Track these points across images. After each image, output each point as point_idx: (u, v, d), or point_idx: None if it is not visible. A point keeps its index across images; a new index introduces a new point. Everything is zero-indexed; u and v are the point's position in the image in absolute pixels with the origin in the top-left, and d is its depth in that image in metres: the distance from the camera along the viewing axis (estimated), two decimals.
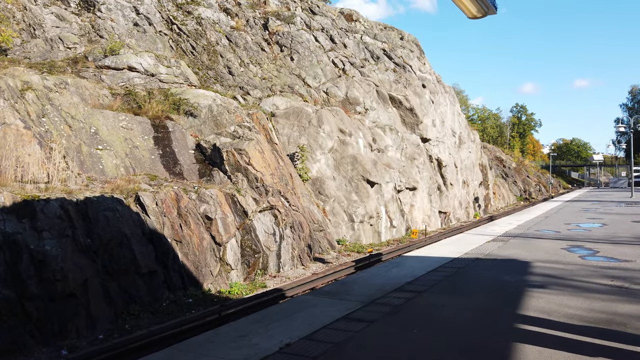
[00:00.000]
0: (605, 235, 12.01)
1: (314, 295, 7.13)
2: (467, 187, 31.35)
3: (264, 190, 13.94)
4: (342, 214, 19.17)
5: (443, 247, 10.42)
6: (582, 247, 10.14)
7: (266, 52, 24.49)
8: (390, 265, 8.15)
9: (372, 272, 8.14)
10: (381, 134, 24.04)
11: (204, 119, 15.79)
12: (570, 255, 8.97)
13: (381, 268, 8.07)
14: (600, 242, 10.80)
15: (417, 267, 7.92)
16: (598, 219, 16.46)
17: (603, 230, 13.27)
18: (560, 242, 10.81)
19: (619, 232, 12.56)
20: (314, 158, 19.76)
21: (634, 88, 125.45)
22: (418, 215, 24.58)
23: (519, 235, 11.99)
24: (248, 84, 22.29)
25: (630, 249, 9.87)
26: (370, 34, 29.33)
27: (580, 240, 11.10)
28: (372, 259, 15.01)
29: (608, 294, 6.42)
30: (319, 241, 16.98)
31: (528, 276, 7.40)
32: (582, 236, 11.87)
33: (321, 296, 6.70)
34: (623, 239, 11.20)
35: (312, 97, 23.34)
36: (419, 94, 26.65)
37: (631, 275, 7.41)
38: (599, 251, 9.57)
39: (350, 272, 13.04)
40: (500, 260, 8.52)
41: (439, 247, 10.42)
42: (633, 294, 6.38)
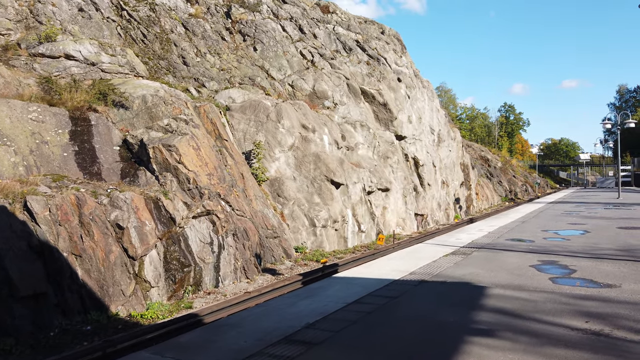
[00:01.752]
0: (586, 246, 10.29)
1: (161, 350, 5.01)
2: (447, 188, 29.66)
3: (198, 192, 12.04)
4: (302, 218, 17.33)
5: (390, 262, 8.64)
6: (555, 264, 8.38)
7: (227, 41, 22.57)
8: (303, 294, 6.26)
9: (272, 306, 6.26)
10: (351, 131, 22.25)
11: (136, 111, 13.85)
12: (539, 277, 7.19)
13: (288, 299, 6.21)
14: (579, 256, 9.06)
15: (338, 296, 6.04)
16: (580, 225, 14.76)
17: (584, 239, 11.57)
18: (531, 256, 9.06)
19: (602, 242, 10.85)
20: (272, 156, 17.89)
21: (622, 87, 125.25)
22: (391, 218, 22.82)
23: (486, 247, 10.24)
24: (204, 76, 20.36)
25: (614, 266, 8.12)
26: (344, 24, 27.52)
27: (556, 254, 9.35)
28: (326, 270, 13.19)
29: (580, 348, 4.53)
30: (272, 249, 15.12)
31: (476, 313, 5.57)
32: (558, 247, 10.14)
33: (170, 353, 4.69)
34: (606, 252, 9.48)
35: (275, 90, 21.48)
36: (393, 88, 24.89)
37: (614, 312, 5.54)
38: (575, 270, 7.80)
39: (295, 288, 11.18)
40: (449, 285, 6.70)
41: (385, 262, 8.65)
42: (615, 348, 4.50)
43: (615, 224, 14.78)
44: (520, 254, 9.33)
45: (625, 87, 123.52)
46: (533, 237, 12.06)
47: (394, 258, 8.92)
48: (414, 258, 8.88)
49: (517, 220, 17.29)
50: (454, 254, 9.36)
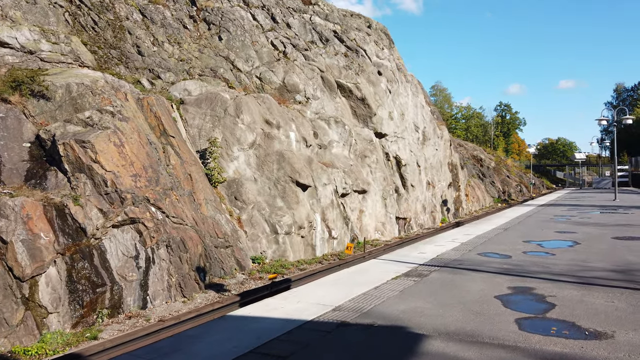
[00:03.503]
0: (573, 265, 8.45)
1: None
2: (433, 189, 27.83)
3: (119, 197, 10.17)
4: (262, 224, 15.47)
5: (320, 288, 6.78)
6: (529, 293, 6.52)
7: (189, 30, 20.69)
8: (166, 347, 4.31)
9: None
10: (325, 128, 20.40)
11: (60, 103, 11.97)
12: (504, 317, 5.26)
13: (144, 356, 4.36)
14: (562, 280, 7.22)
15: (206, 355, 4.09)
16: (569, 234, 12.89)
17: (571, 254, 9.73)
18: (502, 280, 7.21)
19: (593, 259, 9.02)
20: (230, 155, 16.04)
21: (619, 86, 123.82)
22: (369, 222, 20.99)
23: (450, 264, 8.37)
24: (160, 66, 18.49)
25: (607, 296, 6.26)
26: (322, 14, 25.66)
27: (533, 276, 7.51)
28: (274, 288, 11.33)
29: None
30: (221, 261, 13.26)
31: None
32: (538, 266, 8.28)
33: None
34: (597, 273, 7.65)
35: (241, 83, 19.62)
36: (373, 82, 23.06)
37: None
38: (554, 304, 5.90)
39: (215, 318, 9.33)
40: (375, 331, 4.70)
41: (313, 288, 6.77)
42: None
43: (610, 233, 12.96)
44: (489, 276, 7.50)
45: (622, 85, 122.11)
46: (511, 250, 10.22)
47: (326, 283, 7.08)
48: (353, 283, 7.06)
49: (499, 226, 15.44)
50: (407, 276, 7.55)
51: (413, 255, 9.37)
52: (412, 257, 9.13)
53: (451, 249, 10.33)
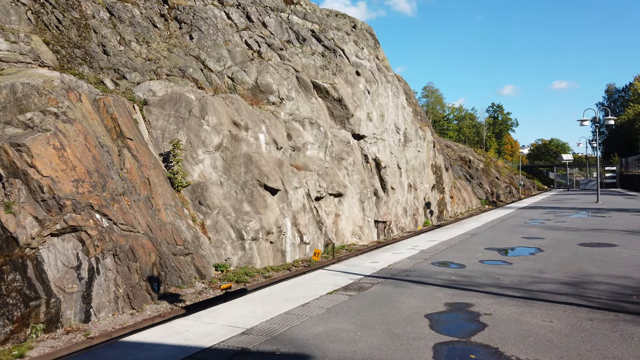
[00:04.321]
0: (526, 276, 7.91)
1: None
2: (415, 192, 27.32)
3: (57, 204, 9.56)
4: (227, 229, 14.88)
5: (243, 306, 6.19)
6: (464, 312, 5.94)
7: (159, 29, 20.08)
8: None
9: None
10: (299, 129, 19.85)
11: (4, 104, 11.34)
12: (422, 343, 4.58)
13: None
14: (507, 295, 6.68)
15: None
16: (536, 240, 12.36)
17: (529, 263, 9.21)
18: (442, 295, 6.64)
19: (550, 269, 8.49)
20: (195, 158, 15.45)
21: (610, 87, 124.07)
22: (346, 226, 20.44)
23: (397, 275, 7.80)
24: (126, 66, 17.87)
25: (548, 315, 5.65)
26: (300, 14, 25.11)
27: (478, 291, 6.97)
28: (228, 298, 10.73)
29: None
30: (179, 269, 12.67)
31: None
32: (488, 278, 7.74)
33: None
34: (548, 286, 7.11)
35: (212, 83, 19.03)
36: (351, 83, 22.53)
37: None
38: (485, 326, 5.27)
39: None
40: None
41: (235, 306, 6.17)
42: None
43: (578, 239, 12.45)
44: (432, 290, 6.96)
45: (613, 86, 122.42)
46: (469, 259, 9.71)
47: (256, 299, 6.50)
48: (284, 298, 6.51)
49: (469, 232, 14.92)
50: (345, 290, 7.00)
51: (364, 265, 8.83)
52: (362, 267, 8.59)
53: (407, 258, 9.81)
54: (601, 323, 5.39)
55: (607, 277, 7.67)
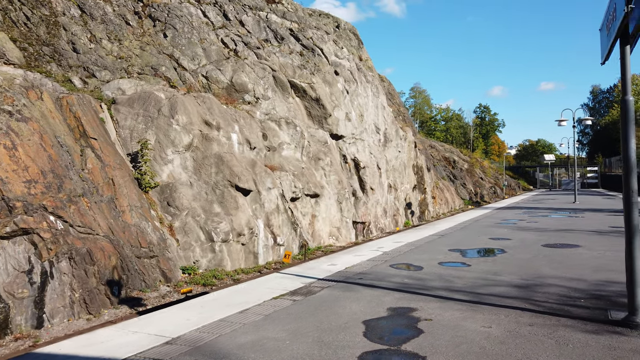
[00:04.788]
0: (480, 279, 7.77)
1: None
2: (396, 192, 27.18)
3: (7, 206, 9.21)
4: (197, 231, 14.57)
5: (180, 312, 5.92)
6: (406, 317, 5.74)
7: (132, 26, 19.70)
8: None
9: None
10: (275, 129, 19.58)
11: None
12: (349, 352, 4.39)
13: None
14: (455, 299, 6.51)
15: None
16: (502, 241, 12.27)
17: (488, 265, 9.10)
18: (390, 299, 6.46)
19: (506, 271, 8.37)
20: (164, 158, 15.12)
21: (595, 88, 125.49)
22: (323, 227, 20.22)
23: (350, 279, 7.59)
24: (96, 64, 17.49)
25: (488, 320, 5.48)
26: (279, 12, 24.84)
27: (427, 294, 6.79)
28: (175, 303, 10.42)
29: None
30: (143, 273, 12.35)
31: None
32: (442, 281, 7.59)
33: None
34: (498, 290, 6.95)
35: (186, 82, 18.71)
36: (329, 82, 22.31)
37: None
38: (421, 332, 5.05)
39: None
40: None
41: (173, 312, 5.92)
42: None
43: (545, 239, 12.38)
44: (381, 293, 6.77)
45: (598, 87, 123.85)
46: (429, 260, 9.56)
47: (195, 305, 6.23)
48: (226, 304, 6.28)
49: (439, 232, 14.81)
50: (292, 295, 6.79)
51: (321, 268, 8.63)
52: (318, 270, 8.38)
53: (367, 260, 9.62)
54: (540, 328, 5.26)
55: (561, 279, 7.58)
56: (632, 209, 5.40)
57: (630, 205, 5.41)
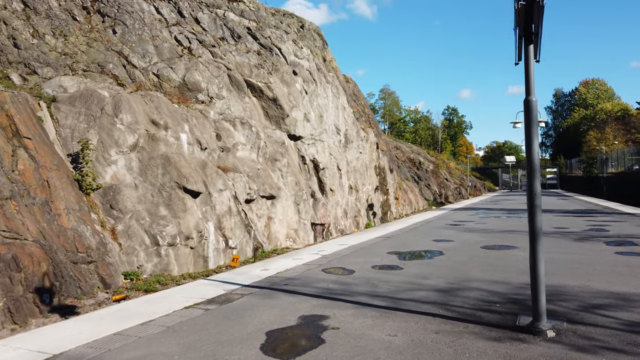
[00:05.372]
0: (407, 283, 7.65)
1: None
2: (357, 193, 27.08)
3: None
4: (141, 235, 14.02)
5: (77, 325, 5.55)
6: (314, 326, 5.53)
7: (79, 22, 18.93)
8: None
9: None
10: (229, 129, 19.15)
11: None
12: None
13: None
14: (373, 305, 6.33)
15: None
16: (445, 242, 12.25)
17: (421, 267, 9.03)
18: (305, 307, 6.30)
19: (436, 274, 8.30)
20: (108, 159, 14.51)
21: (558, 91, 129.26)
22: (279, 229, 19.87)
23: (275, 285, 7.32)
24: (38, 61, 16.68)
25: (396, 328, 5.35)
26: (237, 10, 24.40)
27: (347, 301, 6.64)
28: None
29: None
30: (79, 279, 11.74)
31: None
32: (367, 286, 7.43)
33: None
34: (420, 294, 6.82)
35: (135, 80, 18.07)
36: (287, 82, 22.00)
37: None
38: (322, 342, 4.87)
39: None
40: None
41: (71, 325, 5.56)
42: None
43: (486, 241, 12.45)
44: (299, 300, 6.53)
45: (561, 91, 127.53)
46: (363, 264, 9.41)
47: (95, 317, 5.84)
48: (135, 314, 5.91)
49: (386, 234, 14.73)
50: (208, 303, 6.50)
51: (252, 273, 8.34)
52: (248, 276, 8.08)
53: (303, 264, 9.38)
54: (445, 336, 5.10)
55: (486, 282, 7.50)
56: (535, 212, 5.27)
57: (534, 209, 5.28)
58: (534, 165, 5.25)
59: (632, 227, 16.77)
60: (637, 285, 7.52)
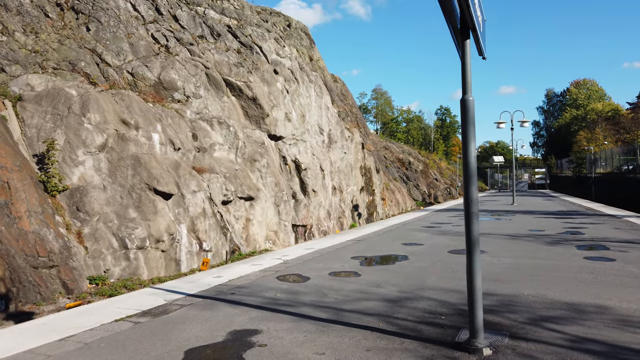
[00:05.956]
0: (358, 292, 7.26)
1: None
2: (341, 194, 26.73)
3: None
4: (109, 238, 13.59)
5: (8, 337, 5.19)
6: (238, 344, 4.92)
7: (52, 19, 18.45)
8: None
9: None
10: (206, 129, 18.74)
11: None
12: None
13: None
14: (312, 318, 5.89)
15: None
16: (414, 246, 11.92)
17: (378, 274, 8.66)
18: (242, 320, 5.81)
19: (391, 282, 7.91)
20: (75, 159, 14.07)
21: (550, 92, 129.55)
22: (258, 231, 19.48)
23: (220, 295, 6.84)
24: (7, 58, 16.21)
25: (325, 346, 4.89)
26: (218, 8, 23.97)
27: (287, 312, 6.20)
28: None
29: None
30: (39, 284, 11.31)
31: None
32: (316, 295, 7.03)
33: None
34: (366, 305, 6.40)
35: (108, 79, 17.62)
36: (267, 81, 21.61)
37: None
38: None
39: None
40: None
41: None
42: None
43: (456, 245, 12.12)
44: (238, 312, 6.12)
45: (552, 91, 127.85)
46: (322, 270, 9.04)
47: (17, 330, 5.46)
48: (51, 329, 5.51)
49: (359, 237, 14.38)
50: (141, 316, 6.09)
51: (202, 281, 7.94)
52: (197, 284, 7.70)
53: (260, 270, 9.01)
54: (376, 354, 4.71)
55: (440, 291, 7.14)
56: (472, 221, 4.89)
57: (470, 216, 4.90)
58: (471, 170, 4.86)
59: (608, 229, 16.51)
60: (595, 294, 7.14)
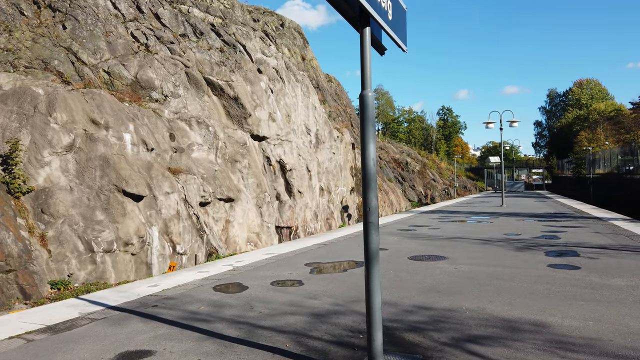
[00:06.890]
0: (284, 306, 6.65)
1: None
2: (330, 195, 26.25)
3: None
4: (74, 241, 13.18)
5: None
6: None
7: (27, 17, 18.09)
8: None
9: None
10: (185, 129, 18.32)
11: None
12: None
13: None
14: (222, 337, 5.39)
15: None
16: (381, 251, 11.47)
17: (322, 284, 8.15)
18: (142, 338, 5.31)
19: (330, 294, 7.39)
20: (40, 160, 13.67)
21: (552, 92, 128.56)
22: (239, 233, 19.04)
23: (140, 308, 6.40)
24: None
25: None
26: (202, 7, 23.56)
27: (200, 328, 5.69)
28: None
29: None
30: None
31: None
32: (243, 308, 6.51)
33: None
34: (289, 320, 5.77)
35: (83, 78, 17.24)
36: (251, 81, 21.17)
37: None
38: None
39: None
40: None
41: None
42: None
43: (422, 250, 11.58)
44: (149, 328, 5.65)
45: (555, 91, 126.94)
46: (266, 279, 8.58)
47: None
48: None
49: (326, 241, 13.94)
50: (44, 332, 5.64)
51: (133, 291, 7.49)
52: (126, 294, 7.25)
53: (203, 278, 8.56)
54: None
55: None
56: (370, 232, 4.32)
57: (369, 227, 4.34)
58: (369, 174, 4.27)
59: (587, 234, 15.92)
60: (540, 308, 6.52)
